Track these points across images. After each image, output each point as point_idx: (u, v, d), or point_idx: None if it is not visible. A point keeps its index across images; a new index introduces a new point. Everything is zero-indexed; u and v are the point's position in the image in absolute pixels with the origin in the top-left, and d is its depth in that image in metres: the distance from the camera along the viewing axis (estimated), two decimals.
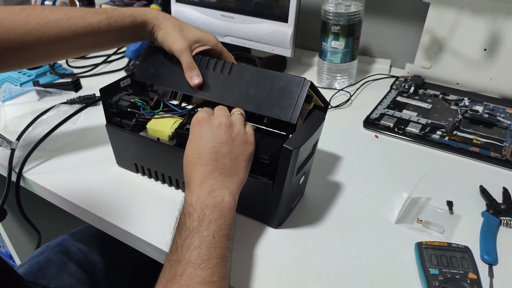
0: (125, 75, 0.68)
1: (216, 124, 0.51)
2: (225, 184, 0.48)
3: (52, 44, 0.60)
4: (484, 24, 0.83)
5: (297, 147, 0.49)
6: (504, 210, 0.59)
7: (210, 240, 0.43)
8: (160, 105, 0.66)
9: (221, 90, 0.59)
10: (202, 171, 0.48)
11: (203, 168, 0.48)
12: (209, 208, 0.45)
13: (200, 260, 0.42)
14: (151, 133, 0.65)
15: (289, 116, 0.53)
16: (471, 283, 0.48)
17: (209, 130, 0.51)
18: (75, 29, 0.60)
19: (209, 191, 0.47)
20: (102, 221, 0.62)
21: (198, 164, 0.49)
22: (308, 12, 1.06)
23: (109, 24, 0.61)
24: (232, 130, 0.51)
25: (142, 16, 0.62)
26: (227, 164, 0.49)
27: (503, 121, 0.79)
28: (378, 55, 1.06)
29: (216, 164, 0.49)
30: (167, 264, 0.43)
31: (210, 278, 0.41)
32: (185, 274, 0.41)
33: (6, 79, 1.00)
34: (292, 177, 0.52)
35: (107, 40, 0.64)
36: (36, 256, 0.75)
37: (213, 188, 0.47)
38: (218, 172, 0.48)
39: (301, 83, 0.54)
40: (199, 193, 0.47)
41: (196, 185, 0.47)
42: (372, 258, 0.54)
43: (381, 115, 0.83)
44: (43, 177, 0.70)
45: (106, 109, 0.66)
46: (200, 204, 0.46)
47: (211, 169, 0.48)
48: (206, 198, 0.46)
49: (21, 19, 0.58)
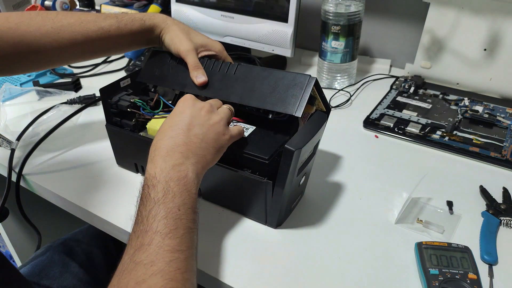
0: (125, 75, 0.68)
1: (199, 107, 0.52)
2: (190, 161, 0.47)
3: (65, 48, 0.63)
4: (484, 24, 0.83)
5: (299, 148, 0.49)
6: (504, 210, 0.59)
7: (175, 212, 0.43)
8: (160, 105, 0.66)
9: (226, 89, 0.59)
10: (170, 143, 0.48)
11: (171, 140, 0.48)
12: (173, 181, 0.45)
13: (167, 229, 0.42)
14: (151, 133, 0.65)
15: (295, 110, 0.53)
16: (471, 283, 0.48)
17: (189, 109, 0.51)
18: (87, 32, 0.62)
19: (172, 165, 0.46)
20: (101, 220, 0.62)
21: (168, 136, 0.49)
22: (308, 12, 1.06)
23: (119, 28, 0.63)
24: (212, 117, 0.52)
25: (151, 20, 0.64)
26: (196, 143, 0.49)
27: (503, 121, 0.79)
28: (378, 55, 1.06)
29: (185, 140, 0.48)
30: (133, 235, 0.43)
31: (179, 247, 0.41)
32: (153, 243, 0.41)
33: (6, 79, 1.00)
34: (293, 178, 0.52)
35: (117, 44, 0.65)
36: (39, 256, 0.75)
37: (177, 162, 0.46)
38: (186, 147, 0.48)
39: (306, 80, 0.54)
40: (163, 165, 0.46)
41: (161, 156, 0.47)
42: (372, 258, 0.54)
43: (381, 115, 0.83)
44: (43, 177, 0.70)
45: (106, 109, 0.66)
46: (164, 176, 0.45)
47: (179, 143, 0.48)
48: (170, 172, 0.45)
49: (37, 23, 0.61)
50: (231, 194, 0.60)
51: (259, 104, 0.56)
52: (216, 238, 0.57)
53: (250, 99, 0.57)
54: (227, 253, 0.55)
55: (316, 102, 0.59)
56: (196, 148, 0.49)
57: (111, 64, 1.09)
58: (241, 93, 0.58)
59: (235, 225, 0.59)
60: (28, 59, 0.63)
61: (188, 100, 0.53)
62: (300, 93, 0.54)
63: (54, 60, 0.66)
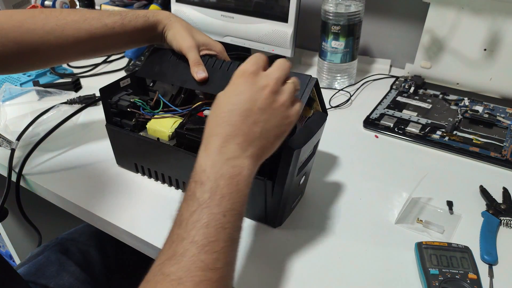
0: (125, 75, 0.68)
1: (261, 85, 0.44)
2: (247, 153, 0.42)
3: (69, 45, 0.62)
4: (484, 24, 0.83)
5: (299, 148, 0.49)
6: (504, 210, 0.59)
7: (220, 219, 0.39)
8: (160, 105, 0.66)
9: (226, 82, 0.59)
10: (226, 131, 0.42)
11: (229, 128, 0.42)
12: (224, 179, 0.40)
13: (206, 241, 0.37)
14: (151, 133, 0.65)
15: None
16: (471, 283, 0.48)
17: (250, 89, 0.44)
18: (91, 29, 0.62)
19: (227, 159, 0.41)
20: (102, 221, 0.62)
21: (225, 121, 0.43)
22: (308, 12, 1.06)
23: (123, 24, 0.63)
24: (276, 99, 0.45)
25: (154, 16, 0.64)
26: (256, 132, 0.43)
27: (503, 121, 0.79)
28: (378, 55, 1.06)
29: (244, 129, 0.43)
30: (169, 239, 0.39)
31: (214, 264, 0.37)
32: (186, 255, 0.37)
33: (6, 79, 1.00)
34: (293, 178, 0.52)
35: (121, 41, 0.65)
36: (35, 255, 0.75)
37: (233, 155, 0.42)
38: (244, 138, 0.42)
39: (307, 79, 0.55)
40: (216, 158, 0.41)
41: (216, 146, 0.42)
42: (372, 258, 0.54)
43: (381, 115, 0.83)
44: (43, 177, 0.70)
45: (106, 109, 0.66)
46: (215, 172, 0.41)
47: (237, 132, 0.42)
48: (223, 167, 0.41)
49: (41, 21, 0.61)
50: None
51: None
52: None
53: None
54: None
55: (314, 105, 0.59)
56: (255, 138, 0.43)
57: (111, 64, 1.09)
58: None
59: None
60: (32, 57, 0.63)
61: (248, 75, 0.45)
62: (300, 92, 0.54)
63: (58, 58, 0.66)
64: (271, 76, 0.45)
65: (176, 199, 0.64)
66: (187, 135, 0.59)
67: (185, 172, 0.62)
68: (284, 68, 0.47)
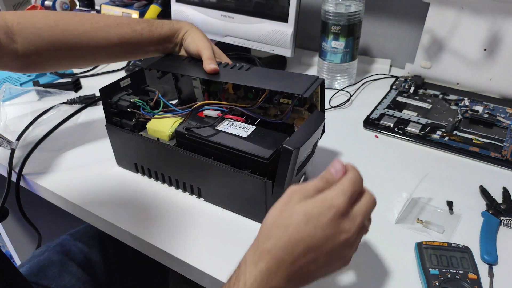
0: (125, 75, 0.68)
1: (343, 230, 0.38)
2: (291, 284, 0.38)
3: (101, 47, 0.66)
4: (484, 24, 0.83)
5: (297, 147, 0.49)
6: (504, 210, 0.59)
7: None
8: (160, 105, 0.66)
9: (240, 79, 0.62)
10: (285, 258, 0.37)
11: (288, 257, 0.37)
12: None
13: None
14: (151, 133, 0.65)
15: (303, 91, 0.55)
16: (471, 283, 0.48)
17: (330, 235, 0.38)
18: (122, 34, 0.66)
19: (270, 286, 0.38)
20: (102, 221, 0.62)
21: (290, 247, 0.37)
22: (308, 12, 1.06)
23: (151, 30, 0.68)
24: (350, 249, 0.40)
25: (178, 23, 0.70)
26: (311, 270, 0.39)
27: (503, 121, 0.79)
28: (378, 55, 1.06)
29: (303, 268, 0.38)
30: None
31: None
32: None
33: (6, 79, 1.00)
34: (292, 177, 0.52)
35: (147, 46, 0.69)
36: (37, 256, 0.75)
37: (277, 285, 0.38)
38: (297, 273, 0.38)
39: (315, 78, 0.57)
40: (261, 281, 0.38)
41: (266, 268, 0.38)
42: (372, 258, 0.54)
43: (381, 115, 0.83)
44: (43, 177, 0.70)
45: (106, 109, 0.66)
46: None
47: (292, 270, 0.38)
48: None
49: (75, 23, 0.64)
50: (231, 194, 0.60)
51: (269, 87, 0.58)
52: (216, 238, 0.57)
53: (261, 83, 0.59)
54: (227, 253, 0.55)
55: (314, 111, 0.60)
56: (307, 274, 0.39)
57: (111, 64, 1.09)
58: (253, 80, 0.60)
59: (235, 225, 0.59)
60: (63, 56, 0.66)
61: (333, 216, 0.38)
62: (308, 84, 0.56)
63: (90, 59, 0.69)
64: (355, 222, 0.39)
65: (176, 199, 0.64)
66: (187, 135, 0.59)
67: (185, 172, 0.62)
68: (371, 205, 0.42)
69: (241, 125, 0.60)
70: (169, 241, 0.57)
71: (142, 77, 0.70)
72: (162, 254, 0.56)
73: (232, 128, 0.59)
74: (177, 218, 0.61)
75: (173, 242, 0.57)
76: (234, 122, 0.61)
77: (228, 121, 0.61)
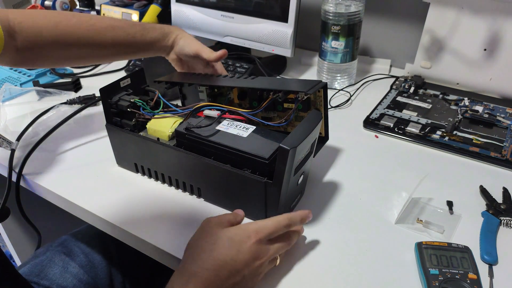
0: (125, 75, 0.68)
1: (259, 256, 0.47)
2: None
3: (96, 49, 0.70)
4: (484, 24, 0.83)
5: (293, 147, 0.49)
6: (504, 210, 0.59)
7: None
8: (160, 105, 0.66)
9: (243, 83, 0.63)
10: (209, 278, 0.43)
11: (212, 277, 0.43)
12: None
13: None
14: (151, 133, 0.65)
15: (307, 89, 0.56)
16: (471, 283, 0.48)
17: (248, 261, 0.46)
18: (116, 37, 0.70)
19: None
20: (102, 221, 0.62)
21: (212, 269, 0.44)
22: (308, 12, 1.06)
23: (143, 34, 0.72)
24: (263, 269, 0.49)
25: (169, 28, 0.75)
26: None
27: (503, 121, 0.79)
28: (378, 55, 1.06)
29: (221, 285, 0.44)
30: None
31: None
32: None
33: (6, 79, 1.00)
34: (290, 177, 0.52)
35: (139, 48, 0.73)
36: (38, 256, 0.75)
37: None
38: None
39: (317, 81, 0.59)
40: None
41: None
42: (372, 258, 0.54)
43: (381, 115, 0.83)
44: (43, 177, 0.70)
45: (106, 109, 0.66)
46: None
47: (216, 285, 0.44)
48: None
49: (74, 24, 0.67)
50: (231, 194, 0.60)
51: (273, 87, 0.59)
52: None
53: (265, 85, 0.61)
54: None
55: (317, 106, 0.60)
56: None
57: (111, 64, 1.09)
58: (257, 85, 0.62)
59: None
60: (60, 56, 0.69)
61: (252, 244, 0.47)
62: (311, 85, 0.58)
63: (84, 59, 0.73)
64: (268, 253, 0.48)
65: (176, 199, 0.64)
66: (187, 135, 0.59)
67: (185, 172, 0.62)
68: (284, 248, 0.51)
69: (241, 125, 0.60)
70: (170, 242, 0.57)
71: (142, 77, 0.70)
72: (163, 254, 0.56)
73: (232, 128, 0.59)
74: (178, 219, 0.61)
75: (174, 243, 0.56)
76: (234, 122, 0.61)
77: (228, 121, 0.61)
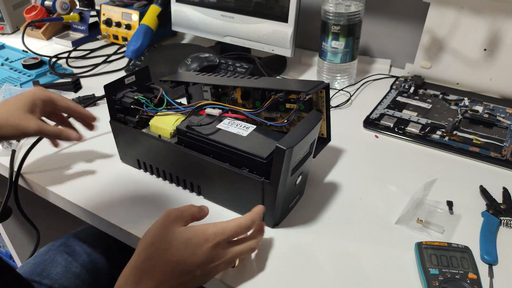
0: (130, 72, 0.68)
1: (216, 257, 0.47)
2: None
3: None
4: (484, 24, 0.83)
5: (290, 147, 0.49)
6: (504, 210, 0.59)
7: None
8: (163, 103, 0.66)
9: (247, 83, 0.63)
10: (161, 279, 0.43)
11: (163, 277, 0.43)
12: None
13: None
14: (154, 130, 0.65)
15: (307, 90, 0.56)
16: (471, 283, 0.48)
17: (206, 256, 0.46)
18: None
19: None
20: (102, 221, 0.62)
21: (164, 271, 0.44)
22: (308, 12, 1.06)
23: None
24: (218, 267, 0.48)
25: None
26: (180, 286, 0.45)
27: (503, 121, 0.79)
28: (378, 55, 1.06)
29: (175, 284, 0.44)
30: None
31: None
32: None
33: (6, 79, 1.00)
34: (286, 177, 0.52)
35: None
36: (41, 255, 0.75)
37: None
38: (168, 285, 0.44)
39: (319, 82, 0.59)
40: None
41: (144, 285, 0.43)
42: (372, 258, 0.54)
43: (381, 115, 0.83)
44: (43, 177, 0.70)
45: (110, 105, 0.66)
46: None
47: (168, 284, 0.44)
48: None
49: None
50: (230, 193, 0.60)
51: (275, 87, 0.60)
52: None
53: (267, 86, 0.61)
54: None
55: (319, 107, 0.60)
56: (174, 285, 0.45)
57: (111, 64, 1.09)
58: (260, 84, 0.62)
59: None
60: None
61: (209, 247, 0.46)
62: (312, 86, 0.58)
63: None
64: (226, 256, 0.47)
65: (177, 196, 0.64)
66: (187, 133, 0.59)
67: (185, 169, 0.62)
68: (247, 252, 0.50)
69: (241, 124, 0.60)
70: None
71: (147, 74, 0.71)
72: None
73: (232, 127, 0.59)
74: None
75: None
76: (235, 121, 0.61)
77: (229, 120, 0.61)
